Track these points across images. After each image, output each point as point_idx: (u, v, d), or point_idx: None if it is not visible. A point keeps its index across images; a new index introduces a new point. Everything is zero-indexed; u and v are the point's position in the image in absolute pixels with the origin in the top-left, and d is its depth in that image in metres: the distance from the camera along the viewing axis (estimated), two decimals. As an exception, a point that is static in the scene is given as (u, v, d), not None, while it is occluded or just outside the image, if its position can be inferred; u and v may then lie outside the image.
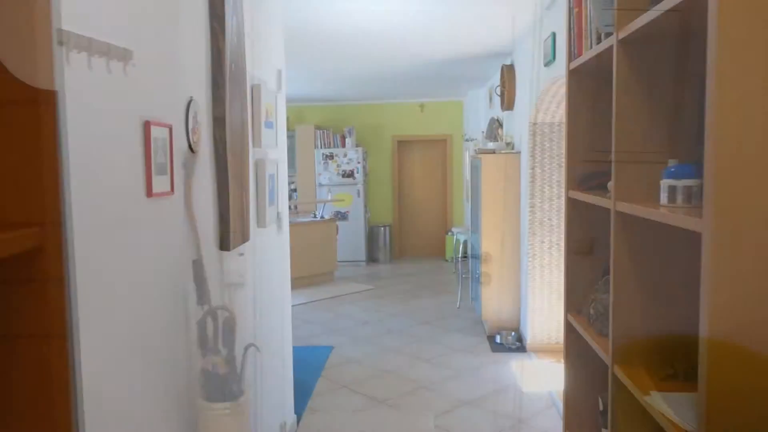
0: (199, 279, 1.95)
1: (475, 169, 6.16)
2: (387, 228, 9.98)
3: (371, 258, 9.93)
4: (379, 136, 10.22)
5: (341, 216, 9.50)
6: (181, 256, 1.89)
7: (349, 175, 9.60)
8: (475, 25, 4.80)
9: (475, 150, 6.62)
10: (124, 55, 1.50)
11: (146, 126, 1.63)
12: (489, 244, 5.68)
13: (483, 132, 7.18)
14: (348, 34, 5.08)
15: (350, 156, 9.59)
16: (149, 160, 1.64)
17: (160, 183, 1.70)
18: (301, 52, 5.72)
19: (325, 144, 9.68)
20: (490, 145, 5.94)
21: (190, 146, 1.96)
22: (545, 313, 5.16)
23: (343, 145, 9.68)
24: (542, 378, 4.57)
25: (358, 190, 9.60)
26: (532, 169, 5.10)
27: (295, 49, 5.31)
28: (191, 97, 1.97)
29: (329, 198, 9.26)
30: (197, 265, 1.95)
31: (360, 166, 9.59)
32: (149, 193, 1.65)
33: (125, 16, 1.55)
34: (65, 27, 1.25)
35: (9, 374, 1.28)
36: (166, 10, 1.81)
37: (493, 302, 5.73)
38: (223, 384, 1.86)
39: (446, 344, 5.48)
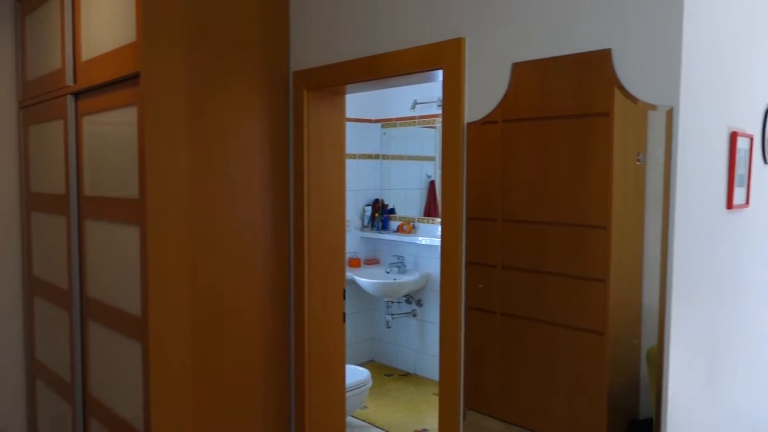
0: None
1: None
2: None
3: None
4: None
5: None
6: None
7: None
8: None
9: None
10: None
11: (732, 136, 1.59)
12: None
13: None
14: None
15: None
16: (732, 172, 1.59)
17: (738, 195, 1.64)
18: None
19: None
20: None
21: (764, 156, 1.82)
22: None
23: None
24: None
25: None
26: None
27: None
28: (769, 103, 1.83)
29: None
30: None
31: None
32: (729, 205, 1.60)
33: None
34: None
35: (558, 358, 1.47)
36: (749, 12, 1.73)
37: None
38: None
39: None
